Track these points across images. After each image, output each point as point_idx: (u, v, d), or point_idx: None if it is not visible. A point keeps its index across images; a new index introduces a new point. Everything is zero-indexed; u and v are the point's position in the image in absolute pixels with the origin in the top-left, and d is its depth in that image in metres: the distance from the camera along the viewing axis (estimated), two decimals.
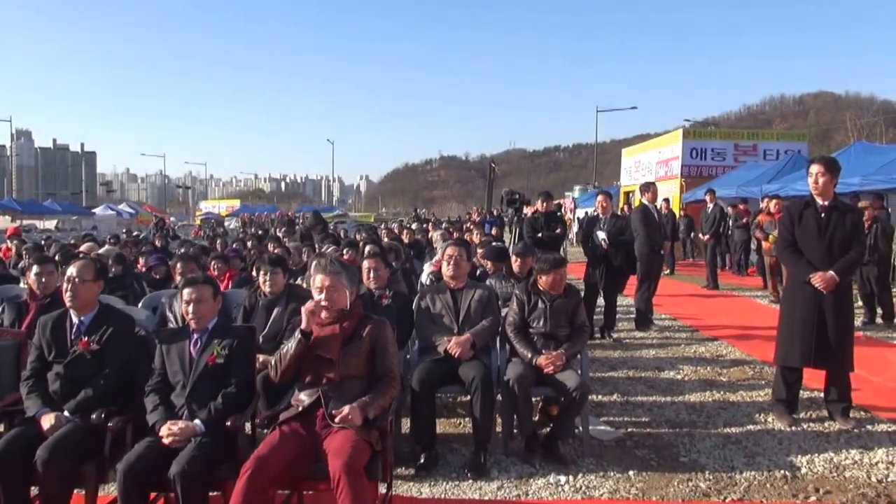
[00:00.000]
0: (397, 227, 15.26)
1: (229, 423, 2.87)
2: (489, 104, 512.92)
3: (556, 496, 3.42)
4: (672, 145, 18.92)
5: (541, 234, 7.77)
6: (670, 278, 12.08)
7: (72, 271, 3.23)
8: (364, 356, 2.99)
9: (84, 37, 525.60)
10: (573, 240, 19.06)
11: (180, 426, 2.83)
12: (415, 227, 13.47)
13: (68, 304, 3.21)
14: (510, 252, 5.89)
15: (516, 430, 3.92)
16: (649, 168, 20.24)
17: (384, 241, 8.27)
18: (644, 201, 7.93)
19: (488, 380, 3.79)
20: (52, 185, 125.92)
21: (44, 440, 2.83)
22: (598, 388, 5.18)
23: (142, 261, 7.44)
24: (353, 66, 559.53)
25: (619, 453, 3.95)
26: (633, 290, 7.77)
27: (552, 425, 4.02)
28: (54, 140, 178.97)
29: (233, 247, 9.48)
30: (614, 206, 8.32)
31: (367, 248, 5.61)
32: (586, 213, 19.77)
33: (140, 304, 4.85)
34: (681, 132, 19.03)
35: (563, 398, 3.86)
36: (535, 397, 4.17)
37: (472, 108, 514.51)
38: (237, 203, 66.29)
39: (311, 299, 3.04)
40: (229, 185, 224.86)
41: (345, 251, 6.62)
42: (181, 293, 3.24)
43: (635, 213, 7.96)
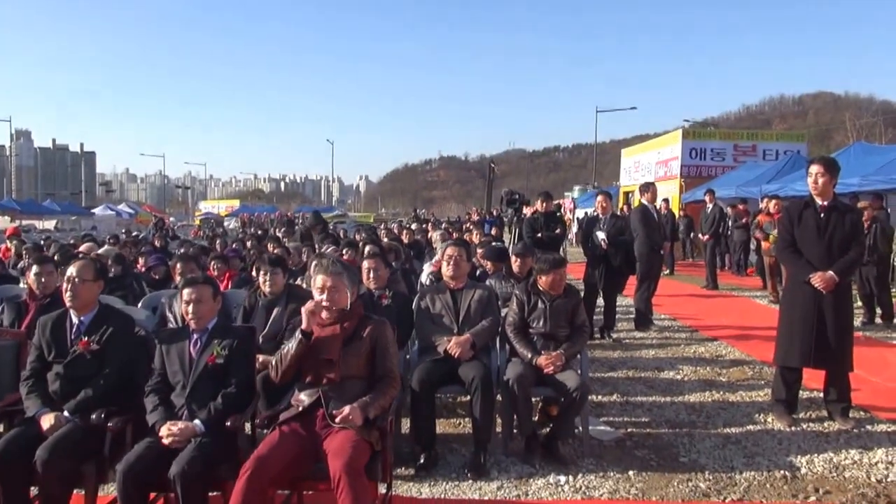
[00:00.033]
0: (397, 227, 15.25)
1: (229, 424, 2.87)
2: (489, 104, 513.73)
3: (555, 496, 3.42)
4: (671, 145, 18.93)
5: (540, 235, 7.78)
6: (670, 278, 12.08)
7: (72, 271, 3.23)
8: (364, 356, 3.00)
9: (84, 37, 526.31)
10: (573, 240, 19.07)
11: (180, 426, 2.83)
12: (414, 227, 13.46)
13: (68, 304, 3.21)
14: (510, 252, 5.89)
15: (516, 431, 3.92)
16: (649, 168, 20.25)
17: (384, 241, 8.27)
18: (643, 201, 7.94)
19: (488, 380, 3.79)
20: (52, 186, 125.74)
21: (43, 440, 2.83)
22: (597, 389, 5.18)
23: (141, 261, 7.44)
24: (353, 67, 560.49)
25: (618, 453, 3.95)
26: (632, 290, 7.78)
27: (552, 425, 4.02)
28: (54, 140, 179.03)
29: (232, 247, 9.48)
30: (614, 207, 8.31)
31: (367, 249, 5.61)
32: (586, 213, 19.79)
33: (140, 305, 4.84)
34: (680, 132, 19.05)
35: (562, 398, 3.87)
36: (535, 397, 4.18)
37: (471, 109, 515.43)
38: (237, 203, 66.25)
39: (311, 299, 3.05)
40: (229, 185, 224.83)
41: (344, 251, 6.63)
42: (181, 293, 3.24)
43: (635, 213, 7.97)
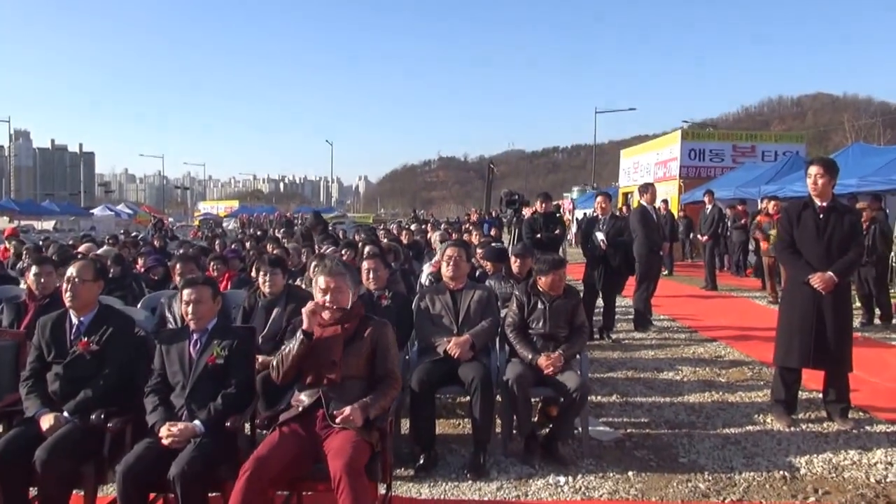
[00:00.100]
0: (396, 227, 15.24)
1: (229, 424, 2.87)
2: (488, 105, 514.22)
3: (555, 497, 3.42)
4: (671, 146, 18.93)
5: (539, 235, 7.79)
6: (669, 279, 12.08)
7: (71, 271, 3.23)
8: (365, 357, 3.00)
9: (83, 37, 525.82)
10: (572, 241, 19.07)
11: (180, 427, 2.82)
12: (414, 228, 13.46)
13: (68, 304, 3.21)
14: (509, 253, 5.89)
15: (515, 431, 3.92)
16: (648, 169, 20.25)
17: (383, 242, 8.27)
18: (643, 202, 7.94)
19: (488, 380, 3.79)
20: (51, 186, 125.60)
21: (43, 441, 2.83)
22: (597, 389, 5.18)
23: (140, 261, 7.44)
24: (353, 67, 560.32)
25: (618, 454, 3.95)
26: (631, 290, 7.78)
27: (551, 426, 4.02)
28: (52, 140, 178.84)
29: (231, 247, 9.48)
30: (613, 207, 8.32)
31: (367, 249, 5.61)
32: (585, 214, 19.81)
33: (139, 305, 4.84)
34: (679, 133, 19.04)
35: (562, 399, 3.87)
36: (535, 398, 4.18)
37: (470, 109, 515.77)
38: (236, 204, 66.25)
39: (311, 300, 3.05)
40: (228, 185, 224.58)
41: (343, 252, 6.62)
42: (181, 294, 3.24)
43: (634, 214, 7.97)
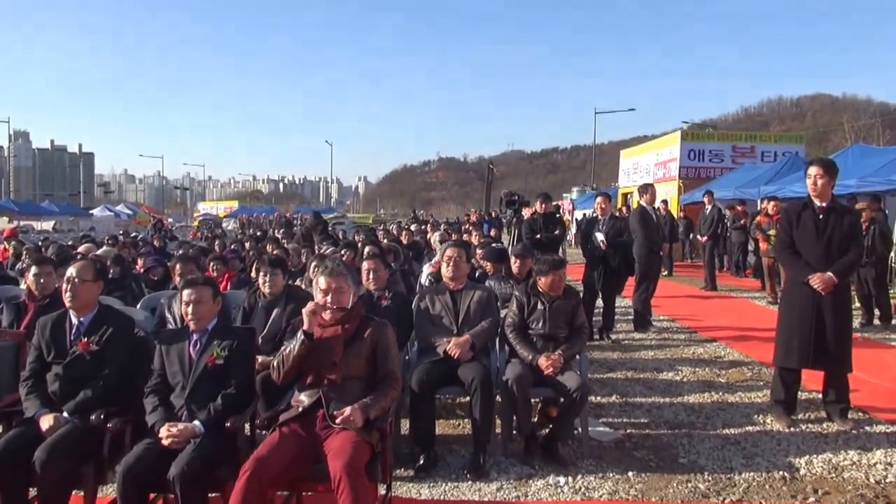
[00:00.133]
0: (395, 228, 15.24)
1: (229, 425, 2.87)
2: (487, 106, 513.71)
3: (555, 497, 3.43)
4: (670, 147, 18.94)
5: (539, 236, 7.79)
6: (668, 279, 12.09)
7: (71, 272, 3.22)
8: (365, 357, 3.00)
9: (83, 37, 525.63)
10: (571, 241, 19.07)
11: (179, 427, 2.82)
12: (413, 228, 13.46)
13: (68, 304, 3.21)
14: (509, 253, 5.89)
15: (515, 432, 3.92)
16: (647, 170, 20.25)
17: (383, 242, 8.27)
18: (642, 203, 7.95)
19: (487, 381, 3.79)
20: (50, 186, 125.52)
21: (43, 441, 2.82)
22: (596, 389, 5.18)
23: (140, 262, 7.44)
24: (352, 67, 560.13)
25: (618, 454, 3.95)
26: (631, 291, 7.78)
27: (551, 426, 4.02)
28: (52, 141, 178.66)
29: (231, 248, 9.48)
30: (613, 208, 8.33)
31: (367, 250, 5.61)
32: (584, 214, 19.80)
33: (138, 306, 4.84)
34: (679, 134, 19.05)
35: (562, 399, 3.87)
36: (534, 398, 4.18)
37: (470, 110, 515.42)
38: (235, 204, 66.28)
39: (311, 300, 3.05)
40: (227, 186, 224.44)
41: (343, 252, 6.63)
42: (181, 294, 3.24)
43: (633, 214, 7.98)
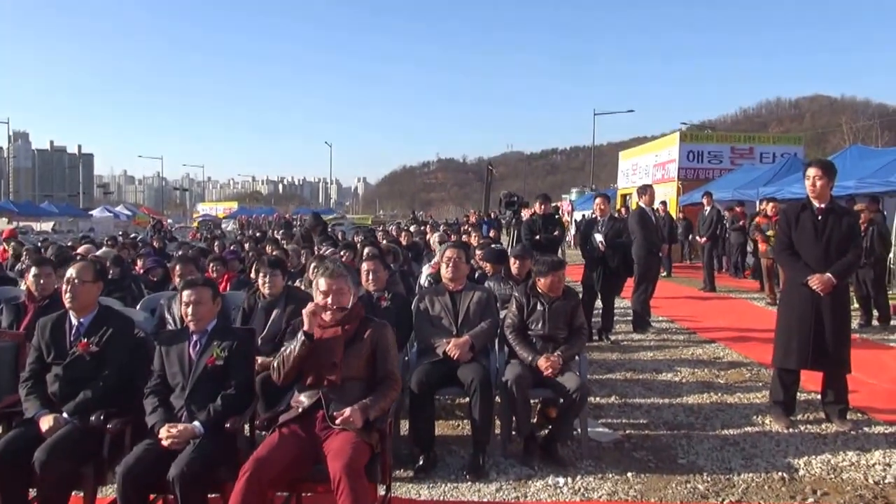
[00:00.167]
0: (395, 229, 15.26)
1: (228, 425, 2.87)
2: (486, 106, 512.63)
3: (554, 498, 3.43)
4: (669, 148, 18.96)
5: (538, 237, 7.80)
6: (667, 280, 12.10)
7: (71, 273, 3.22)
8: (365, 358, 3.00)
9: (82, 38, 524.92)
10: (571, 242, 19.09)
11: (179, 428, 2.82)
12: (413, 229, 13.48)
13: (68, 305, 3.21)
14: (509, 254, 5.90)
15: (515, 432, 3.93)
16: (646, 171, 20.27)
17: (382, 243, 8.28)
18: (641, 204, 7.96)
19: (487, 382, 3.80)
20: (49, 187, 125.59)
21: (42, 442, 2.82)
22: (596, 390, 5.18)
23: (139, 263, 7.44)
24: (352, 68, 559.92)
25: (617, 455, 3.96)
26: (630, 292, 7.79)
27: (551, 427, 4.03)
28: (51, 142, 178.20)
29: (230, 249, 9.48)
30: (612, 209, 8.34)
31: (366, 251, 5.62)
32: (583, 215, 19.81)
33: (138, 306, 4.84)
34: (678, 135, 19.07)
35: (562, 400, 3.87)
36: (534, 399, 4.18)
37: (469, 111, 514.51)
38: (235, 205, 66.32)
39: (311, 301, 3.05)
40: (227, 187, 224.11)
41: (343, 253, 6.64)
42: (180, 295, 3.25)
43: (632, 216, 7.99)
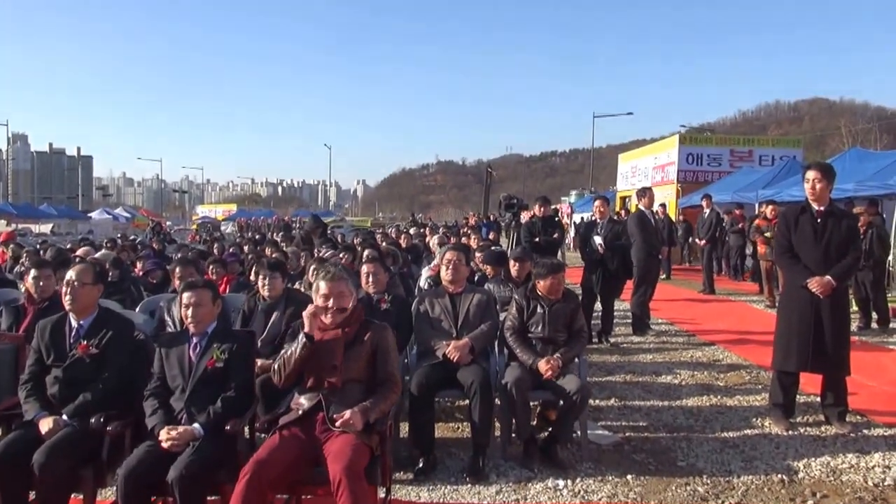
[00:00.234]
0: (394, 231, 15.25)
1: (228, 428, 2.87)
2: (486, 109, 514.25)
3: (554, 500, 3.43)
4: (668, 151, 18.98)
5: (538, 239, 7.80)
6: (666, 283, 12.10)
7: (71, 275, 3.22)
8: (365, 360, 3.01)
9: (81, 40, 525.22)
10: (570, 245, 19.08)
11: (179, 430, 2.82)
12: (412, 231, 13.48)
13: (67, 307, 3.20)
14: (508, 256, 5.90)
15: (515, 435, 3.92)
16: (645, 173, 20.29)
17: (381, 245, 8.28)
18: (640, 206, 7.97)
19: (487, 384, 3.80)
20: (48, 190, 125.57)
21: (42, 444, 2.82)
22: (595, 393, 5.17)
23: (139, 265, 7.43)
24: (351, 70, 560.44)
25: (617, 457, 3.96)
26: (630, 294, 7.79)
27: (550, 429, 4.03)
28: (50, 144, 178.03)
29: (230, 251, 9.47)
30: (611, 211, 8.34)
31: (366, 253, 5.62)
32: (583, 218, 19.82)
33: (137, 309, 4.85)
34: (677, 138, 19.10)
35: (561, 402, 3.87)
36: (534, 401, 4.18)
37: (468, 113, 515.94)
38: (234, 207, 66.19)
39: (311, 303, 3.05)
40: (226, 189, 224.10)
41: (342, 255, 6.64)
42: (180, 297, 3.25)
43: (632, 218, 8.00)
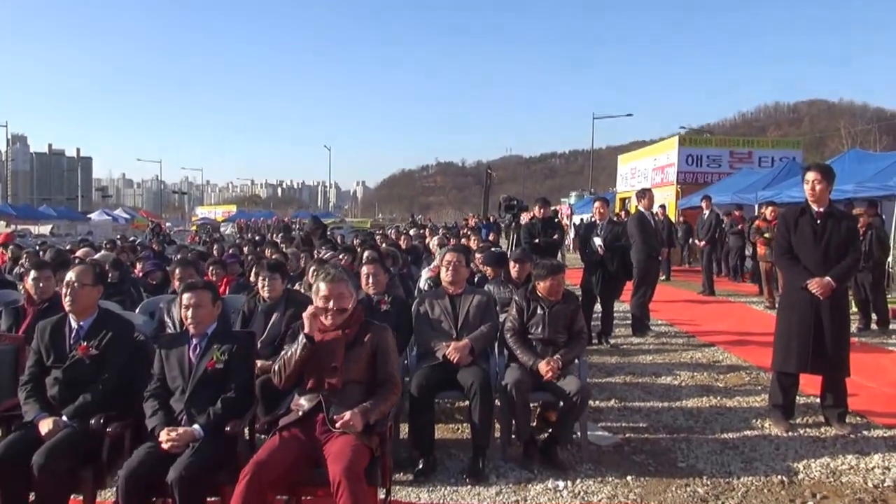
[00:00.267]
0: (394, 232, 15.25)
1: (228, 429, 2.87)
2: (485, 110, 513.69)
3: (554, 501, 3.43)
4: (668, 152, 18.99)
5: (538, 240, 7.80)
6: (666, 284, 12.10)
7: (71, 276, 3.22)
8: (365, 361, 3.01)
9: (81, 41, 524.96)
10: (570, 246, 19.09)
11: (179, 431, 2.82)
12: (412, 233, 13.48)
13: (67, 308, 3.21)
14: (508, 258, 5.90)
15: (514, 436, 3.92)
16: (645, 175, 20.30)
17: (381, 247, 8.28)
18: (640, 208, 7.97)
19: (487, 385, 3.80)
20: (48, 191, 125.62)
21: (42, 445, 2.82)
22: (595, 394, 5.17)
23: (139, 266, 7.44)
24: (351, 72, 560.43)
25: (617, 459, 3.96)
26: (629, 295, 7.79)
27: (550, 431, 4.03)
28: (50, 145, 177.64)
29: (230, 252, 9.47)
30: (611, 213, 8.35)
31: (366, 254, 5.63)
32: (582, 219, 19.82)
33: (137, 310, 4.85)
34: (677, 139, 19.11)
35: (561, 403, 3.87)
36: (534, 402, 4.18)
37: (468, 115, 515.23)
38: (233, 208, 66.14)
39: (311, 305, 3.05)
40: (226, 190, 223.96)
41: (342, 257, 6.64)
42: (180, 298, 3.25)
43: (631, 219, 8.00)
